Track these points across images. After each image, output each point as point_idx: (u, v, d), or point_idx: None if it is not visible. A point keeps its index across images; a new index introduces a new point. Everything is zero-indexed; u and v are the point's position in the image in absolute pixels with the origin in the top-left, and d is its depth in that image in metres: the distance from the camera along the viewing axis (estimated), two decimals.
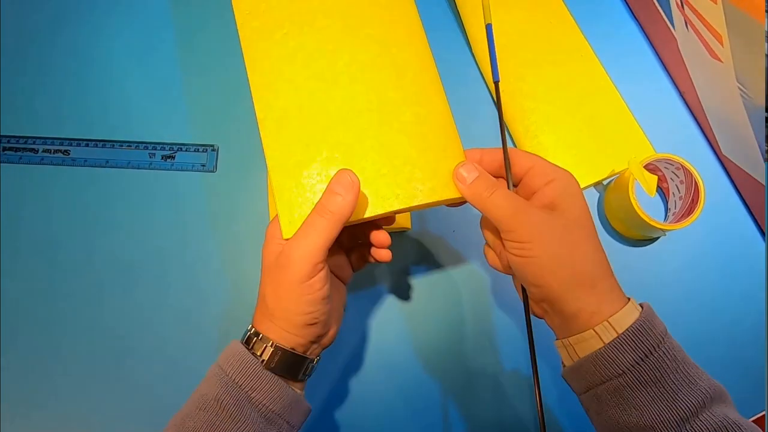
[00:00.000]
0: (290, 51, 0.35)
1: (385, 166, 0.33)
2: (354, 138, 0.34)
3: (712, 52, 0.47)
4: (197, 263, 0.48)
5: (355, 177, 0.32)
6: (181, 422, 0.32)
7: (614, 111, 0.52)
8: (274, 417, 0.32)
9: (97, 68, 0.54)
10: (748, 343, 0.46)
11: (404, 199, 0.33)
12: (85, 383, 0.46)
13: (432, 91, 0.36)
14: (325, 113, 0.34)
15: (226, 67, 0.54)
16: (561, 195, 0.33)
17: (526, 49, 0.53)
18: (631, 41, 0.55)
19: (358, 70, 0.35)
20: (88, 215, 0.50)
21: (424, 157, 0.34)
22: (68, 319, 0.47)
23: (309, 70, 0.34)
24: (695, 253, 0.49)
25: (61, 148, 0.51)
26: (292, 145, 0.34)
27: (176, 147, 0.51)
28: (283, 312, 0.32)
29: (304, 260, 0.31)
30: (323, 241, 0.31)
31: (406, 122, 0.34)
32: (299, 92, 0.34)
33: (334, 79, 0.34)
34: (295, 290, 0.32)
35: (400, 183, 0.33)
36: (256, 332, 0.33)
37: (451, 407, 0.45)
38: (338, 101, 0.34)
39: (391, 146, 0.34)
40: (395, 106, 0.34)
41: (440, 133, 0.35)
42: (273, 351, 0.33)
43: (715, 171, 0.51)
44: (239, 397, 0.31)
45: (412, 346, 0.47)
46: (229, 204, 0.50)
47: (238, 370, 0.32)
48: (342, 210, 0.31)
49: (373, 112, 0.34)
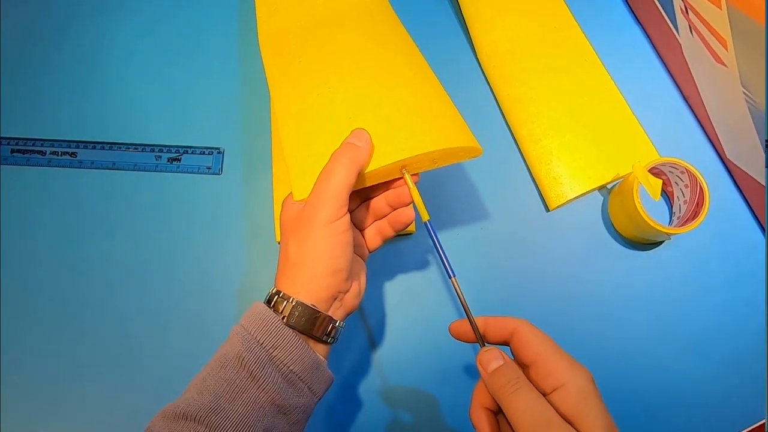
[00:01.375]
0: (304, 70, 0.42)
1: (388, 130, 0.37)
2: (358, 113, 0.38)
3: (717, 57, 0.47)
4: (203, 265, 0.49)
5: (366, 132, 0.35)
6: (202, 381, 0.32)
7: (618, 115, 0.52)
8: (295, 379, 0.32)
9: (104, 71, 0.54)
10: (750, 349, 0.46)
11: (407, 150, 0.35)
12: (93, 385, 0.46)
13: (423, 70, 0.42)
14: (331, 103, 0.39)
15: (232, 69, 0.54)
16: (580, 406, 0.26)
17: (531, 55, 0.53)
18: (635, 46, 0.55)
19: (359, 69, 0.41)
20: (94, 217, 0.50)
21: (422, 118, 0.38)
22: (74, 321, 0.47)
23: (319, 79, 0.41)
24: (699, 258, 0.48)
25: (69, 150, 0.52)
26: (304, 127, 0.39)
27: (182, 149, 0.52)
28: (306, 258, 0.33)
29: (331, 198, 0.32)
30: (345, 180, 0.33)
31: (403, 95, 0.39)
32: (311, 91, 0.40)
33: (341, 80, 0.40)
34: (321, 232, 0.32)
35: (401, 138, 0.36)
36: (277, 291, 0.33)
37: (456, 410, 0.45)
38: (342, 94, 0.39)
39: (390, 116, 0.38)
40: (394, 88, 0.40)
41: (435, 100, 0.40)
42: (293, 306, 0.32)
43: (719, 175, 0.51)
44: (260, 355, 0.31)
45: (417, 350, 0.47)
46: (234, 206, 0.50)
47: (260, 328, 0.32)
48: (359, 155, 0.34)
49: (373, 95, 0.39)
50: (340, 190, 0.33)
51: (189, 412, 0.30)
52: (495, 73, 0.53)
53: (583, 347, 0.46)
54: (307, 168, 0.36)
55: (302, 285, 0.33)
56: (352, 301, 0.36)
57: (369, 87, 0.40)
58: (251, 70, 0.54)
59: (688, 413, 0.45)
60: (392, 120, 0.37)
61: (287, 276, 0.34)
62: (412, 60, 0.43)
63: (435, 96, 0.40)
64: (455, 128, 0.39)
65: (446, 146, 0.36)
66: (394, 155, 0.35)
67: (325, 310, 0.34)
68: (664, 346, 0.46)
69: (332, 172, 0.33)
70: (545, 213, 0.50)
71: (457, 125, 0.39)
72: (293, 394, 0.32)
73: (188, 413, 0.30)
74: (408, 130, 0.37)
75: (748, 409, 0.44)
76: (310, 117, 0.39)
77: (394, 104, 0.39)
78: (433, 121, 0.38)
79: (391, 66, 0.41)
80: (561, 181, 0.50)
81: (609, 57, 0.53)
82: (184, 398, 0.31)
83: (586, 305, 0.47)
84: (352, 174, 0.33)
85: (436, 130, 0.38)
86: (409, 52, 0.43)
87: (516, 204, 0.50)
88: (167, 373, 0.46)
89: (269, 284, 0.47)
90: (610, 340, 0.46)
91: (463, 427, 0.45)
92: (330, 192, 0.33)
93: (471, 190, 0.50)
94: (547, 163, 0.50)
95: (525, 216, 0.50)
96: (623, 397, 0.45)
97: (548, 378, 0.28)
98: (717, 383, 0.45)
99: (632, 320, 0.47)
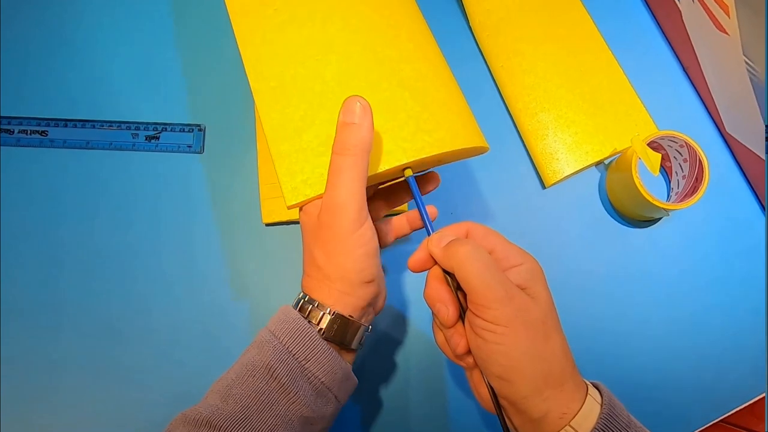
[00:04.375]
0: (281, 24, 0.34)
1: (388, 122, 0.32)
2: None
3: (718, 24, 0.45)
4: (184, 248, 0.46)
5: (364, 100, 0.29)
6: (226, 389, 0.30)
7: (617, 87, 0.50)
8: (325, 390, 0.31)
9: (76, 43, 0.51)
10: (747, 325, 0.46)
11: (412, 152, 0.32)
12: (70, 375, 0.44)
13: (429, 49, 0.36)
14: (320, 78, 0.33)
15: (214, 42, 0.51)
16: (530, 280, 0.29)
17: (526, 24, 0.51)
18: (633, 14, 0.53)
19: (351, 32, 0.34)
20: (67, 199, 0.47)
21: (428, 110, 0.33)
22: (49, 311, 0.45)
23: (301, 38, 0.34)
24: (697, 233, 0.48)
25: (39, 128, 0.49)
26: (288, 112, 0.33)
27: (161, 127, 0.49)
28: (338, 270, 0.30)
29: (347, 202, 0.29)
30: (358, 178, 0.29)
31: (405, 78, 0.33)
32: (293, 60, 0.33)
33: (328, 44, 0.34)
34: (347, 243, 0.30)
35: (405, 137, 0.32)
36: (310, 299, 0.31)
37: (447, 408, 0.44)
38: (334, 65, 0.33)
39: (391, 102, 0.33)
40: (393, 63, 0.34)
41: (441, 86, 0.34)
42: (332, 319, 0.30)
43: (718, 149, 0.50)
44: (292, 367, 0.30)
45: (416, 341, 0.45)
46: (217, 187, 0.48)
47: (293, 338, 0.30)
48: (362, 138, 0.29)
49: (371, 71, 0.33)
50: (354, 190, 0.29)
51: (213, 420, 0.29)
52: (488, 43, 0.51)
53: (579, 325, 0.45)
54: (297, 169, 0.32)
55: (339, 297, 0.31)
56: (381, 304, 0.34)
57: (368, 62, 0.33)
58: (233, 42, 0.51)
59: (684, 391, 0.44)
60: (393, 111, 0.32)
61: (320, 286, 0.31)
62: (419, 35, 0.36)
63: (443, 84, 0.35)
64: (465, 124, 0.34)
65: (456, 147, 0.33)
66: (393, 160, 0.31)
67: (360, 318, 0.32)
68: (660, 324, 0.46)
69: (340, 171, 0.29)
70: (541, 190, 0.49)
71: (467, 121, 0.35)
72: (321, 404, 0.31)
73: (212, 422, 0.29)
74: (414, 126, 0.32)
75: (744, 387, 0.44)
76: (293, 96, 0.33)
77: (396, 89, 0.33)
78: (440, 115, 0.33)
79: (396, 38, 0.35)
80: (557, 156, 0.48)
81: (606, 26, 0.51)
82: (206, 404, 0.30)
83: (582, 283, 0.46)
84: (362, 164, 0.29)
85: (446, 128, 0.33)
86: (416, 25, 0.37)
87: (511, 181, 0.49)
88: (150, 363, 0.44)
89: (259, 271, 0.46)
90: (606, 317, 0.46)
91: (464, 423, 0.44)
92: (343, 195, 0.29)
93: (465, 166, 0.49)
94: (543, 138, 0.48)
95: (521, 193, 0.48)
96: (618, 374, 0.45)
97: (505, 261, 0.30)
98: (713, 361, 0.45)
99: (629, 298, 0.46)
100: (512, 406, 0.29)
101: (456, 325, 0.31)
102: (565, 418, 0.27)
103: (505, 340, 0.27)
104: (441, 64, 0.36)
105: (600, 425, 0.27)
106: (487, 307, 0.28)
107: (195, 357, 0.44)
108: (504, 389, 0.28)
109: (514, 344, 0.27)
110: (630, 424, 0.28)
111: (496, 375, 0.28)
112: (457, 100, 0.35)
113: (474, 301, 0.28)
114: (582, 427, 0.27)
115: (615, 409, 0.28)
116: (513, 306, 0.28)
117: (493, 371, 0.28)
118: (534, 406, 0.28)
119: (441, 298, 0.30)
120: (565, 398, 0.28)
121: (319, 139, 0.32)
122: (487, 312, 0.28)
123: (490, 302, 0.28)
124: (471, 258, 0.28)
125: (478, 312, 0.28)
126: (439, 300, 0.30)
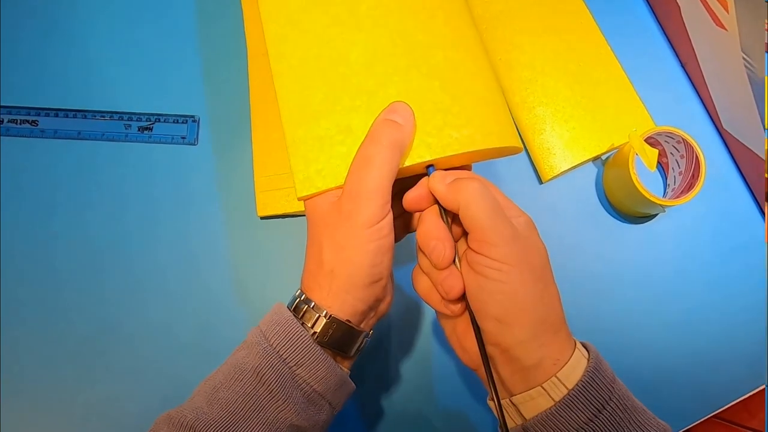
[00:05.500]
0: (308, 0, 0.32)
1: (420, 111, 0.30)
2: (377, 84, 0.30)
3: (717, 19, 0.45)
4: (178, 241, 0.46)
5: (409, 107, 0.29)
6: (213, 391, 0.29)
7: (615, 82, 0.50)
8: (317, 397, 0.29)
9: (68, 30, 0.50)
10: (741, 321, 0.46)
11: (437, 149, 0.29)
12: (66, 367, 0.43)
13: (467, 35, 0.33)
14: (345, 60, 0.31)
15: (209, 31, 0.50)
16: (528, 231, 0.29)
17: (525, 17, 0.51)
18: (632, 8, 0.53)
19: (382, 13, 0.31)
20: (58, 191, 0.46)
21: (459, 103, 0.30)
22: (42, 304, 0.44)
23: (328, 16, 0.31)
24: (693, 230, 0.48)
25: (29, 118, 0.48)
26: (308, 95, 0.30)
27: (154, 118, 0.48)
28: (346, 266, 0.28)
29: (373, 194, 0.27)
30: (389, 169, 0.28)
31: (436, 66, 0.31)
32: (318, 40, 0.31)
33: (356, 24, 0.31)
34: (362, 235, 0.28)
35: (430, 131, 0.30)
36: (306, 299, 0.29)
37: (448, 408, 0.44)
38: (360, 46, 0.31)
39: (419, 92, 0.30)
40: (424, 49, 0.31)
41: (477, 78, 0.31)
42: (327, 323, 0.29)
43: (715, 146, 0.50)
44: (282, 372, 0.28)
45: (419, 338, 0.45)
46: (211, 179, 0.47)
47: (283, 341, 0.28)
48: (403, 136, 0.28)
49: (399, 57, 0.30)
50: (384, 184, 0.28)
51: (197, 425, 0.27)
52: (487, 36, 0.51)
53: (573, 320, 0.45)
54: (311, 157, 0.29)
55: (338, 296, 0.29)
56: (384, 308, 0.32)
57: (397, 46, 0.31)
58: (229, 30, 0.50)
59: (678, 386, 0.44)
60: (420, 102, 0.30)
61: (320, 284, 0.29)
62: (458, 20, 0.33)
63: (479, 76, 0.32)
64: (499, 121, 0.31)
65: (486, 146, 0.30)
66: (416, 156, 0.29)
67: (359, 323, 0.30)
68: (655, 319, 0.46)
69: (372, 160, 0.28)
70: (538, 185, 0.48)
71: (502, 118, 0.32)
72: (313, 412, 0.29)
73: (196, 426, 0.27)
74: (441, 120, 0.30)
75: (738, 382, 0.44)
76: (315, 77, 0.30)
77: (425, 78, 0.30)
78: (472, 110, 0.30)
79: (430, 21, 0.32)
80: (554, 151, 0.48)
81: (605, 20, 0.51)
82: (191, 406, 0.29)
83: (578, 279, 0.46)
84: (395, 161, 0.28)
85: (477, 124, 0.30)
86: (456, 7, 0.33)
87: (508, 176, 0.48)
88: (144, 357, 0.44)
89: (254, 265, 0.46)
90: (602, 313, 0.46)
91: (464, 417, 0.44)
92: (371, 186, 0.27)
93: None
94: (540, 132, 0.48)
95: (517, 188, 0.48)
96: (614, 369, 0.44)
97: (506, 209, 0.29)
98: (707, 356, 0.45)
99: (624, 293, 0.46)
100: (504, 354, 0.28)
101: (450, 267, 0.29)
102: (558, 365, 0.27)
103: (510, 279, 0.27)
104: (479, 54, 0.33)
105: (586, 378, 0.27)
106: (494, 245, 0.27)
107: (188, 351, 0.44)
108: (500, 334, 0.28)
109: (520, 283, 0.27)
110: (614, 381, 0.28)
111: (495, 317, 0.27)
112: (493, 94, 0.32)
113: (480, 239, 0.27)
114: (569, 379, 0.27)
115: (601, 365, 0.28)
116: (520, 246, 0.27)
117: (493, 313, 0.28)
118: (530, 351, 0.27)
119: (438, 236, 0.29)
120: (559, 345, 0.28)
121: (338, 128, 0.30)
122: (494, 249, 0.27)
123: (498, 239, 0.27)
124: (480, 194, 0.28)
125: (483, 250, 0.27)
126: (435, 237, 0.29)
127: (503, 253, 0.27)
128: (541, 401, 0.27)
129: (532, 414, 0.28)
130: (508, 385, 0.29)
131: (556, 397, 0.27)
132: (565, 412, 0.26)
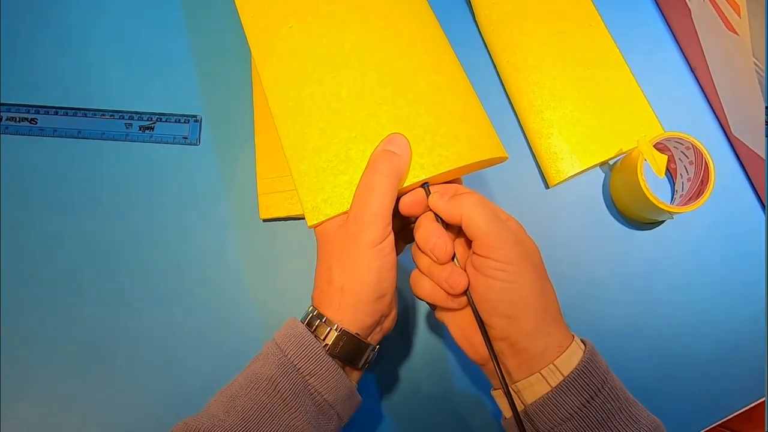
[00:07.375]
0: (297, 43, 0.35)
1: (410, 135, 0.33)
2: (369, 114, 0.33)
3: (728, 24, 0.45)
4: (178, 243, 0.45)
5: (405, 138, 0.32)
6: (230, 400, 0.30)
7: (623, 86, 0.49)
8: (327, 407, 0.31)
9: (68, 27, 0.49)
10: (747, 330, 0.45)
11: (430, 168, 0.32)
12: (56, 370, 0.43)
13: (445, 59, 0.36)
14: (336, 96, 0.34)
15: (211, 31, 0.50)
16: (519, 230, 0.32)
17: (533, 19, 0.50)
18: (642, 10, 0.52)
19: (365, 48, 0.35)
20: (57, 190, 0.46)
21: (445, 123, 0.33)
22: (36, 306, 0.44)
23: (317, 57, 0.35)
24: (700, 238, 0.47)
25: (28, 116, 0.47)
26: (308, 132, 0.34)
27: (155, 117, 0.48)
28: (354, 283, 0.31)
29: (375, 218, 0.30)
30: (389, 196, 0.31)
31: (421, 92, 0.34)
32: (310, 80, 0.34)
33: (343, 62, 0.34)
34: (367, 254, 0.30)
35: (422, 152, 0.33)
36: (319, 314, 0.32)
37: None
38: (349, 82, 0.34)
39: (408, 117, 0.33)
40: (408, 77, 0.34)
41: (458, 97, 0.35)
42: (338, 335, 0.31)
43: (723, 152, 0.49)
44: (296, 381, 0.30)
45: (423, 342, 0.45)
46: (213, 180, 0.47)
47: (298, 352, 0.30)
48: (400, 165, 0.31)
49: (385, 87, 0.34)
50: (385, 209, 0.31)
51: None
52: (494, 37, 0.50)
53: (579, 326, 0.44)
54: (318, 188, 0.32)
55: (347, 311, 0.31)
56: (389, 324, 0.34)
57: (382, 78, 0.34)
58: (231, 28, 0.49)
59: (682, 394, 0.44)
60: (410, 126, 0.33)
61: (330, 300, 0.32)
62: (434, 46, 0.36)
63: (460, 95, 0.35)
64: (483, 135, 0.34)
65: (473, 160, 0.33)
66: (412, 176, 0.32)
67: (366, 336, 0.33)
68: (661, 326, 0.45)
69: (374, 188, 0.31)
70: (545, 190, 0.48)
71: (485, 131, 0.35)
72: (323, 421, 0.31)
73: None
74: (430, 141, 0.33)
75: (743, 391, 0.44)
76: (311, 115, 0.34)
77: (412, 104, 0.33)
78: (457, 128, 0.33)
79: (410, 51, 0.35)
80: (561, 156, 0.47)
81: (614, 22, 0.50)
82: (208, 414, 0.30)
83: (584, 284, 0.46)
84: (394, 187, 0.31)
85: (463, 141, 0.33)
86: (431, 34, 0.37)
87: (514, 180, 0.48)
88: (145, 360, 0.43)
89: (258, 270, 0.45)
90: (608, 319, 0.45)
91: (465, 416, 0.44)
92: (374, 210, 0.30)
93: None
94: (547, 136, 0.48)
95: (523, 193, 0.48)
96: (619, 376, 0.44)
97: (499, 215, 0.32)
98: (712, 365, 0.45)
99: (630, 299, 0.46)
100: (511, 347, 0.30)
101: (450, 264, 0.32)
102: (561, 350, 0.30)
103: (516, 278, 0.30)
104: (457, 74, 0.36)
105: (580, 366, 0.29)
106: (499, 248, 0.30)
107: (190, 353, 0.43)
108: (509, 328, 0.30)
109: (526, 280, 0.30)
110: (608, 373, 0.30)
111: (504, 314, 0.30)
112: (474, 110, 0.35)
113: (486, 244, 0.30)
114: (565, 367, 0.29)
115: (596, 357, 0.30)
116: (520, 246, 0.30)
117: (502, 310, 0.30)
118: (537, 340, 0.30)
119: (437, 234, 0.32)
120: (561, 333, 0.31)
121: (338, 158, 0.33)
122: (499, 252, 0.30)
123: (501, 242, 0.30)
124: (479, 204, 0.31)
125: (490, 254, 0.30)
126: (434, 236, 0.32)
127: (508, 254, 0.30)
128: (539, 387, 0.29)
129: (531, 399, 0.30)
130: (514, 375, 0.31)
131: (553, 383, 0.29)
132: (559, 397, 0.29)
